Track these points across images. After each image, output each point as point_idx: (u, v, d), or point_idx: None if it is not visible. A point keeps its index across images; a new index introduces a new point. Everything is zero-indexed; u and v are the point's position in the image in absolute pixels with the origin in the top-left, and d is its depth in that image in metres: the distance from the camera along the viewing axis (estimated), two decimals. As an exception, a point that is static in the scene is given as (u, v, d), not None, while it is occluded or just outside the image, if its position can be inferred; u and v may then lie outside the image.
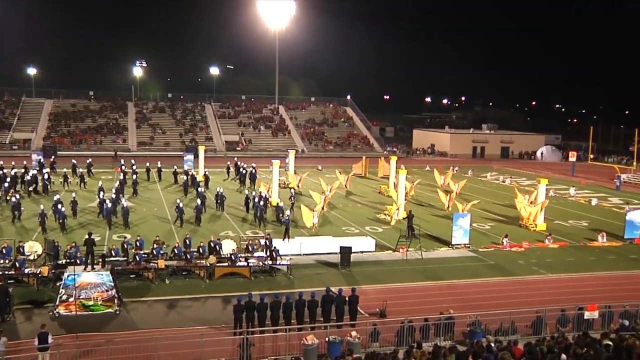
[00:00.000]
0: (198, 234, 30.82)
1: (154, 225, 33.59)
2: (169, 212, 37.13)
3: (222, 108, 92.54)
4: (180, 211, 33.74)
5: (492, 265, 27.77)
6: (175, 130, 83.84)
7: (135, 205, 38.37)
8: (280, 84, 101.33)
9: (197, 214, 34.11)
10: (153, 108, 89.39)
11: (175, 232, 31.76)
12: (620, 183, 55.52)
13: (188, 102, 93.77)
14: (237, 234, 31.17)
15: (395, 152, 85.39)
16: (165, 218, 35.76)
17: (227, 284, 23.55)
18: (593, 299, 21.74)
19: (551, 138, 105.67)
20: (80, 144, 76.26)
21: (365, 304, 21.02)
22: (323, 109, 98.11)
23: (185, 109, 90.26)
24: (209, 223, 34.36)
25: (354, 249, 27.43)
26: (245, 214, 37.06)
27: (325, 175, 57.99)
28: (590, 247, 31.66)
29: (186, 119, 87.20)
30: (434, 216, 39.01)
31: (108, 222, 32.70)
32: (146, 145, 77.97)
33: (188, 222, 33.67)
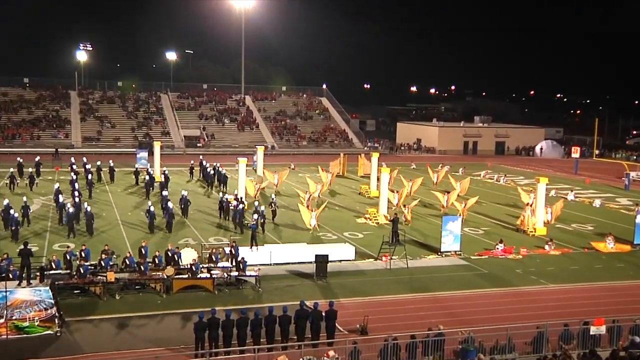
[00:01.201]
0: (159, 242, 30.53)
1: (122, 232, 33.59)
2: (135, 216, 37.33)
3: (181, 98, 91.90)
4: (151, 216, 33.70)
5: (486, 275, 28.02)
6: (127, 123, 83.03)
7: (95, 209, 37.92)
8: (247, 72, 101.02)
9: (169, 220, 34.08)
10: (100, 98, 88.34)
11: (147, 239, 31.24)
12: (629, 182, 56.56)
13: (141, 91, 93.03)
14: (199, 242, 30.95)
15: (377, 148, 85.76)
16: (133, 224, 35.66)
17: (187, 299, 23.36)
18: (600, 313, 21.99)
19: (552, 132, 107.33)
20: (14, 139, 74.95)
21: (344, 320, 21.02)
22: (295, 99, 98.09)
23: (138, 100, 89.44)
24: (173, 230, 34.13)
25: (331, 258, 27.45)
26: (220, 220, 37.10)
27: (299, 174, 57.98)
28: (596, 254, 32.16)
29: (139, 111, 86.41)
30: (422, 219, 39.23)
31: (70, 229, 32.40)
32: (93, 141, 77.08)
33: (157, 228, 33.83)
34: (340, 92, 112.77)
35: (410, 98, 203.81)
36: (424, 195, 47.56)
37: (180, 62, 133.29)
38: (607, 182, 60.77)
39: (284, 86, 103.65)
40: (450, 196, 43.01)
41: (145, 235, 32.22)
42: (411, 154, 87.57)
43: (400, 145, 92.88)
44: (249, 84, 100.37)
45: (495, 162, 75.89)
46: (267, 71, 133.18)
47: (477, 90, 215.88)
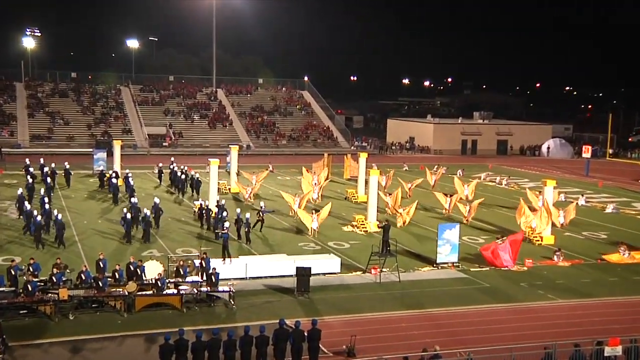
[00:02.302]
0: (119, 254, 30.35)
1: (98, 242, 33.66)
2: (104, 224, 37.54)
3: (144, 92, 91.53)
4: (128, 224, 33.70)
5: (487, 289, 28.14)
6: (82, 120, 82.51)
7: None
8: (219, 62, 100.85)
9: (146, 228, 34.13)
10: (51, 91, 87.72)
11: (123, 250, 31.79)
12: (645, 185, 57.13)
13: (98, 83, 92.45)
14: (165, 254, 30.80)
15: (365, 147, 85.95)
16: (106, 233, 35.73)
17: (151, 318, 23.23)
18: (615, 331, 22.23)
19: (560, 129, 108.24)
20: (-50, 137, 74.26)
21: (328, 340, 21.00)
22: (274, 93, 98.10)
23: (95, 93, 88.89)
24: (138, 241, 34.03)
25: (314, 270, 27.41)
26: (200, 230, 37.11)
27: (278, 177, 57.94)
28: (610, 266, 32.43)
29: (96, 106, 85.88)
30: (418, 225, 39.35)
31: (37, 240, 32.30)
32: (43, 140, 76.50)
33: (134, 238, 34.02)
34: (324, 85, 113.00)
35: (402, 92, 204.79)
36: (422, 197, 47.91)
37: (143, 50, 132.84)
38: (622, 185, 61.39)
39: (260, 78, 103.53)
40: (453, 199, 43.58)
41: (121, 246, 32.48)
42: (403, 154, 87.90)
43: (390, 145, 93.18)
44: (221, 75, 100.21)
45: (497, 163, 76.41)
46: (242, 61, 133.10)
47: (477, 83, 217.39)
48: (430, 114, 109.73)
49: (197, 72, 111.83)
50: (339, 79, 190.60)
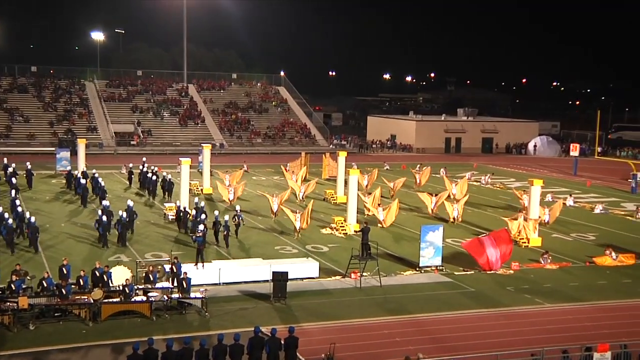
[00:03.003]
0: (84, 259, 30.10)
1: (71, 246, 33.53)
2: (73, 228, 37.36)
3: (110, 87, 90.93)
4: (104, 227, 33.57)
5: (472, 294, 28.29)
6: (44, 117, 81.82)
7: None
8: (190, 56, 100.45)
9: (122, 231, 34.05)
10: (9, 86, 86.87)
11: (97, 255, 31.59)
12: (636, 184, 57.80)
13: (61, 78, 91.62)
14: (133, 259, 30.60)
15: (344, 146, 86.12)
16: (79, 236, 35.62)
17: (118, 327, 23.08)
18: (604, 336, 22.43)
19: (547, 126, 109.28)
20: None
21: (307, 348, 20.98)
22: (248, 89, 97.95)
23: (58, 88, 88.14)
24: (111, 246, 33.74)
25: (292, 275, 27.37)
26: (177, 233, 36.97)
27: (253, 177, 57.85)
28: (599, 268, 32.75)
29: (58, 102, 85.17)
30: (399, 227, 39.51)
31: (9, 245, 32.11)
32: (0, 138, 75.68)
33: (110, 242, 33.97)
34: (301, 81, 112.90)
35: (383, 87, 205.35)
36: (406, 198, 48.23)
37: (109, 43, 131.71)
38: (611, 185, 62.06)
39: (234, 73, 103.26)
40: (439, 199, 43.91)
41: (98, 251, 32.52)
42: (384, 152, 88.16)
43: (371, 143, 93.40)
44: (192, 70, 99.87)
45: (482, 162, 76.92)
46: (215, 56, 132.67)
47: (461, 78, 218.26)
48: (413, 111, 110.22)
49: (167, 66, 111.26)
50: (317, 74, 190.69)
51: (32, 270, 27.18)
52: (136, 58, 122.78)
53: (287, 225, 39.33)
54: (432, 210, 43.99)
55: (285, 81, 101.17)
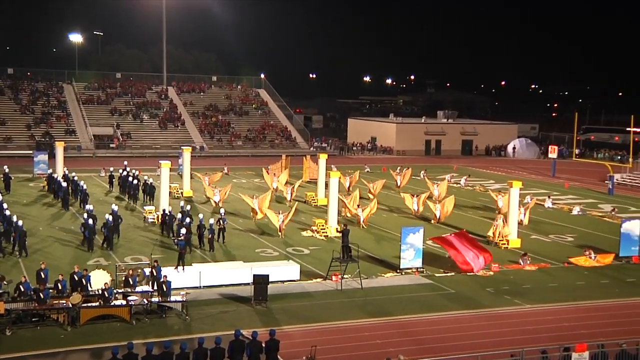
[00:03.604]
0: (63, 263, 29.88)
1: (59, 250, 33.40)
2: (53, 231, 37.19)
3: (89, 90, 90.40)
4: (89, 230, 33.42)
5: (452, 295, 28.41)
6: (21, 120, 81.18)
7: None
8: (170, 58, 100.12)
9: (108, 235, 33.94)
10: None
11: (85, 258, 31.62)
12: (612, 185, 58.40)
13: (38, 80, 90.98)
14: (112, 262, 30.44)
15: (324, 148, 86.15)
16: (64, 240, 35.52)
17: (97, 332, 22.93)
18: (582, 336, 22.65)
19: (526, 128, 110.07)
20: None
21: (288, 351, 20.98)
22: (229, 91, 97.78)
23: (35, 91, 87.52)
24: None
25: (272, 278, 27.38)
26: (162, 237, 36.82)
27: (233, 179, 57.73)
28: (577, 269, 33.03)
29: (36, 105, 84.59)
30: (378, 229, 39.61)
31: None
32: (-23, 142, 75.08)
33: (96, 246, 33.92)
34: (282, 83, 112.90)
35: (363, 90, 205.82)
36: (388, 199, 48.35)
37: (88, 46, 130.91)
38: (589, 186, 62.61)
39: (214, 76, 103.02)
40: (420, 200, 44.30)
41: (84, 254, 32.44)
42: (365, 154, 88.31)
43: (351, 145, 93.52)
44: (172, 73, 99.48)
45: (462, 164, 77.29)
46: (195, 58, 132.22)
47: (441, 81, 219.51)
48: (393, 113, 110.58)
49: (147, 69, 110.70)
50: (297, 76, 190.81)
51: (19, 274, 26.94)
52: (115, 60, 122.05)
53: (268, 227, 39.35)
54: (415, 211, 44.31)
55: (266, 84, 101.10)
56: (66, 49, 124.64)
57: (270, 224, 39.11)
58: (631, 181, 63.86)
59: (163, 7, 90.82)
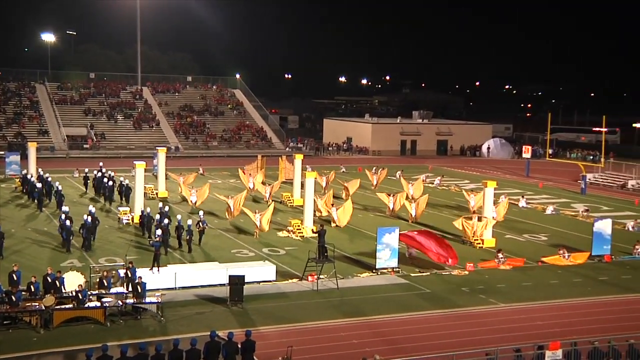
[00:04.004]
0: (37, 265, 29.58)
1: (34, 252, 33.10)
2: (31, 232, 36.92)
3: (62, 90, 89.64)
4: (67, 231, 33.18)
5: (428, 295, 28.55)
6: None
7: None
8: (145, 58, 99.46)
9: (87, 236, 33.71)
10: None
11: (62, 259, 31.40)
12: (585, 185, 59.07)
13: (10, 80, 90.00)
14: (86, 264, 30.19)
15: (300, 148, 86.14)
16: (42, 241, 35.23)
17: (71, 334, 22.75)
18: (555, 335, 22.86)
19: (500, 128, 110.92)
20: None
21: (264, 352, 20.96)
22: (204, 92, 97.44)
23: (7, 91, 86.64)
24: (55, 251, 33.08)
25: (248, 279, 27.34)
26: (136, 237, 36.65)
27: (209, 180, 57.53)
28: (551, 268, 33.35)
29: (8, 105, 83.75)
30: (359, 229, 39.69)
31: None
32: (-52, 143, 74.08)
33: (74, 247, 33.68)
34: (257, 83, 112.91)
35: (339, 90, 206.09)
36: (364, 199, 48.61)
37: (60, 45, 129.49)
38: (562, 186, 63.24)
39: (189, 76, 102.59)
40: (396, 199, 44.72)
41: (59, 256, 32.23)
42: (340, 155, 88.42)
43: (327, 145, 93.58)
44: (147, 73, 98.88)
45: (437, 164, 77.66)
46: (169, 58, 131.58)
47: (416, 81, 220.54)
48: (368, 113, 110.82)
49: (121, 69, 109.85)
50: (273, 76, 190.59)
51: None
52: (88, 60, 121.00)
53: (244, 227, 39.30)
54: (392, 210, 44.67)
55: (241, 84, 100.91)
56: (38, 49, 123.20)
57: (246, 224, 39.06)
58: (603, 181, 64.62)
59: (137, 7, 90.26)
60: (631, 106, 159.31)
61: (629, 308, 27.70)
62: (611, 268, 33.72)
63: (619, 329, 23.84)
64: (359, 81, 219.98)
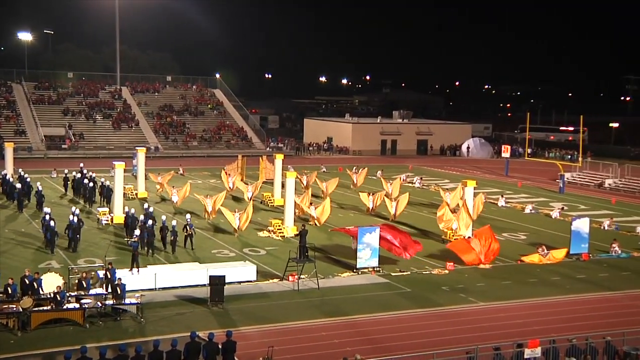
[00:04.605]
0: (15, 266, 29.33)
1: (18, 253, 32.98)
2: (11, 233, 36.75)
3: (40, 89, 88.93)
4: (51, 232, 32.97)
5: (408, 294, 28.65)
6: (-31, 120, 79.41)
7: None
8: (124, 58, 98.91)
9: (72, 236, 33.56)
10: None
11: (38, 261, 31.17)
12: (563, 184, 59.58)
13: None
14: (65, 265, 29.99)
15: (281, 148, 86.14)
16: (24, 242, 35.10)
17: (49, 336, 22.60)
18: (534, 333, 23.08)
19: (480, 128, 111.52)
20: None
21: (245, 352, 20.94)
22: (183, 91, 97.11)
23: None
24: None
25: (229, 279, 27.31)
26: (117, 238, 36.34)
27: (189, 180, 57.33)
28: (529, 266, 33.60)
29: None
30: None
31: None
32: None
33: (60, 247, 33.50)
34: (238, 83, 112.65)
35: (319, 90, 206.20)
36: (344, 198, 48.90)
37: (38, 44, 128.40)
38: (541, 185, 63.73)
39: (169, 76, 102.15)
40: (376, 197, 45.25)
41: (39, 257, 32.08)
42: (321, 154, 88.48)
43: (308, 145, 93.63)
44: (126, 72, 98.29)
45: (417, 164, 77.94)
46: (149, 58, 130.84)
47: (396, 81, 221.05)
48: (349, 113, 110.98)
49: (100, 68, 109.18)
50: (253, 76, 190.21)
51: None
52: (66, 60, 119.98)
53: (224, 227, 39.25)
54: (371, 209, 44.99)
55: (221, 84, 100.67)
56: (15, 48, 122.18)
57: (226, 224, 38.99)
58: (581, 180, 65.19)
59: (116, 6, 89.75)
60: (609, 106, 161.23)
61: (606, 306, 27.98)
62: (589, 266, 34.06)
63: (597, 326, 24.07)
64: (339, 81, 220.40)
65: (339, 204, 47.46)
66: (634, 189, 60.33)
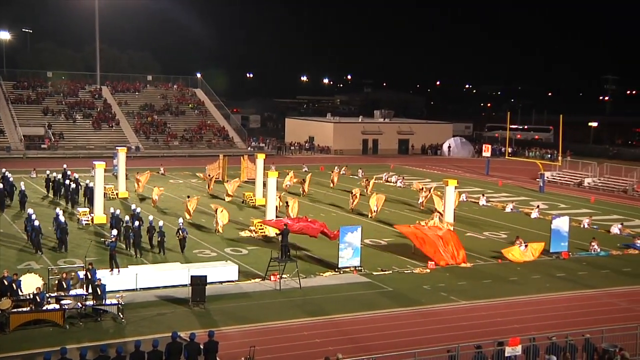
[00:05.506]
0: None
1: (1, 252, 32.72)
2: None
3: (18, 89, 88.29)
4: (36, 231, 32.69)
5: (390, 293, 28.74)
6: (-53, 120, 78.64)
7: None
8: (104, 57, 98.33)
9: (62, 236, 33.35)
10: None
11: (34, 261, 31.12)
12: (543, 183, 60.02)
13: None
14: (45, 266, 29.75)
15: (262, 148, 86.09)
16: (8, 241, 34.93)
17: (28, 338, 22.45)
18: (515, 331, 23.22)
19: (461, 127, 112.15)
20: None
21: (227, 352, 20.92)
22: (164, 91, 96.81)
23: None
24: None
25: (210, 279, 27.26)
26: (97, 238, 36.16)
27: (170, 180, 57.20)
28: (510, 265, 33.83)
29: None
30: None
31: None
32: None
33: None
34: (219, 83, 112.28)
35: (301, 89, 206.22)
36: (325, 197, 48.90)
37: (16, 43, 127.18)
38: (521, 184, 64.14)
39: (149, 75, 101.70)
40: (354, 197, 46.04)
41: (25, 257, 31.97)
42: (302, 154, 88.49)
43: (289, 145, 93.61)
44: (106, 72, 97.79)
45: (399, 163, 78.14)
46: (129, 57, 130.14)
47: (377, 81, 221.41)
48: (330, 113, 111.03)
49: (79, 68, 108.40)
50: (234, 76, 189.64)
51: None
52: (45, 59, 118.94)
53: (206, 226, 39.17)
54: (351, 208, 45.49)
55: (202, 83, 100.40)
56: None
57: (208, 224, 38.93)
58: (560, 179, 65.68)
59: (96, 5, 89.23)
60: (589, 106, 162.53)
61: (585, 303, 28.24)
62: (568, 265, 34.32)
63: (576, 324, 24.30)
64: (320, 81, 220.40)
65: (321, 203, 47.49)
66: (613, 187, 60.92)
